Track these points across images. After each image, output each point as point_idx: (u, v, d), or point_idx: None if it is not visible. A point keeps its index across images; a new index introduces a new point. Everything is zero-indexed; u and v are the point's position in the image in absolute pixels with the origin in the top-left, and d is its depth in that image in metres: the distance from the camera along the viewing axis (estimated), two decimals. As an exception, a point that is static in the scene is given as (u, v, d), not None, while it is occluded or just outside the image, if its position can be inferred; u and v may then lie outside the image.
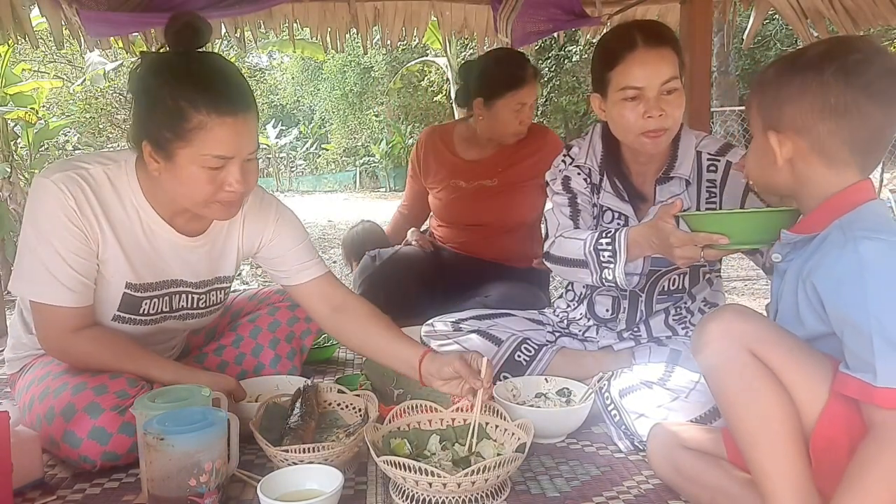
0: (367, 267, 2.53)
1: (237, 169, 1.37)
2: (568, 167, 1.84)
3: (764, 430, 0.99)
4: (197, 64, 1.35)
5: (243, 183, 1.38)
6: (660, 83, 1.56)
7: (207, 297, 1.66)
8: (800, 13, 2.92)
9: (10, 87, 6.53)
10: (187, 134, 1.31)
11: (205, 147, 1.32)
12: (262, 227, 1.65)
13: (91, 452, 1.36)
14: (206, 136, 1.31)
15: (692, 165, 1.71)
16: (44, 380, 1.46)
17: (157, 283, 1.55)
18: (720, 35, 8.34)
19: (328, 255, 7.36)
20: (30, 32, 2.46)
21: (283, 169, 27.80)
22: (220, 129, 1.32)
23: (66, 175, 1.41)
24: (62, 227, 1.39)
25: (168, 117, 1.31)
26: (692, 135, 1.75)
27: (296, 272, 1.65)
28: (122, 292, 1.51)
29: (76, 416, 1.36)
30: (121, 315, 1.53)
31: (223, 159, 1.35)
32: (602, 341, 1.86)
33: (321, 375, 2.12)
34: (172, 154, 1.34)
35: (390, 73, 19.36)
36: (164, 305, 1.58)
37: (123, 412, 1.37)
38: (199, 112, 1.30)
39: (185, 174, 1.35)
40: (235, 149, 1.35)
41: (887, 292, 0.92)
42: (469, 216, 2.58)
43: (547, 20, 2.82)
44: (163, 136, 1.33)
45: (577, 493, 1.32)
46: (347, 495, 1.32)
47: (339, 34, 3.16)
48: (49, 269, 1.40)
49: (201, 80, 1.32)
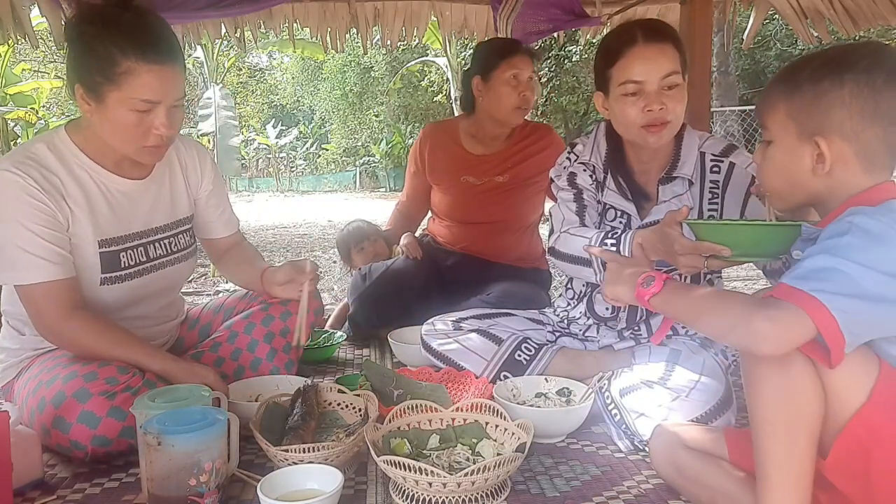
0: (357, 286, 2.49)
1: (164, 113, 1.48)
2: (573, 164, 1.85)
3: (787, 423, 0.98)
4: (129, 15, 1.46)
5: (169, 127, 1.50)
6: (659, 77, 1.58)
7: (176, 239, 1.76)
8: (800, 13, 2.92)
9: (10, 87, 6.54)
10: (117, 78, 1.42)
11: (133, 91, 1.43)
12: (202, 169, 1.82)
13: (81, 437, 1.37)
14: (134, 80, 1.43)
15: (695, 166, 1.71)
16: (38, 375, 1.49)
17: (127, 236, 1.63)
18: (720, 35, 8.33)
19: (328, 255, 7.37)
20: (30, 32, 2.45)
21: (283, 169, 27.81)
22: (148, 75, 1.43)
23: (16, 160, 1.48)
24: (28, 205, 1.45)
25: (99, 62, 1.42)
26: (695, 135, 1.75)
27: (223, 224, 1.89)
28: (97, 252, 1.57)
29: (65, 402, 1.39)
30: (106, 276, 1.58)
31: (150, 103, 1.46)
32: (602, 340, 1.86)
33: (321, 375, 2.12)
34: (103, 97, 1.44)
35: (390, 73, 19.36)
36: (140, 255, 1.66)
37: (113, 397, 1.40)
38: (127, 58, 1.41)
39: (115, 116, 1.46)
40: (162, 94, 1.46)
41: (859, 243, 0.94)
42: (478, 213, 2.54)
43: (547, 20, 2.82)
44: (94, 80, 1.44)
45: (577, 493, 1.33)
46: (347, 495, 1.32)
47: (339, 34, 3.16)
48: (26, 250, 1.45)
49: (131, 30, 1.44)
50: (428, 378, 1.83)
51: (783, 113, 1.10)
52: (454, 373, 1.86)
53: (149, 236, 1.68)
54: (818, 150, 1.05)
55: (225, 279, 5.73)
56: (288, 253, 7.91)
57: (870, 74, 1.02)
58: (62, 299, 1.49)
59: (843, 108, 1.03)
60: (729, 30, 3.29)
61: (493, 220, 2.52)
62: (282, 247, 8.59)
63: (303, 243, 8.85)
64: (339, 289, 5.01)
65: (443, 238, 2.65)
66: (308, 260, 1.74)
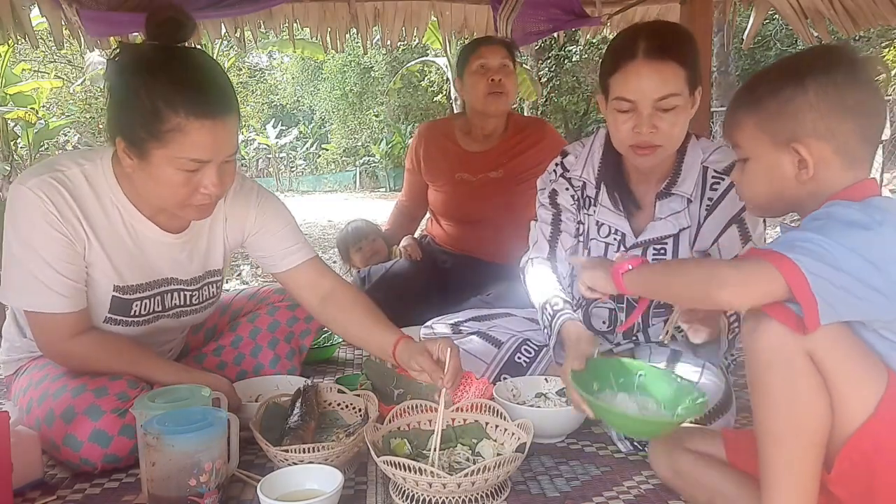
0: None
1: (214, 172, 1.33)
2: (558, 178, 1.79)
3: (793, 434, 0.97)
4: (177, 61, 1.29)
5: (219, 186, 1.35)
6: (654, 99, 1.46)
7: (200, 293, 1.63)
8: (800, 13, 2.92)
9: (10, 87, 6.55)
10: (163, 135, 1.26)
11: (181, 150, 1.27)
12: (245, 215, 1.61)
13: (92, 455, 1.35)
14: (182, 139, 1.26)
15: (696, 182, 1.63)
16: (42, 382, 1.46)
17: (146, 284, 1.52)
18: (720, 35, 8.33)
19: (328, 255, 7.36)
20: (30, 32, 2.46)
21: (283, 169, 27.79)
22: (198, 132, 1.27)
23: (41, 180, 1.36)
24: (45, 234, 1.35)
25: (143, 116, 1.26)
26: (699, 148, 1.65)
27: (281, 257, 1.62)
28: (110, 295, 1.48)
29: (76, 418, 1.35)
30: (112, 317, 1.50)
31: (199, 163, 1.30)
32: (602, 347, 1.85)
33: (321, 375, 2.12)
34: (147, 153, 1.29)
35: (390, 73, 19.36)
36: (155, 305, 1.55)
37: (124, 414, 1.36)
38: (176, 114, 1.25)
39: (160, 174, 1.31)
40: (212, 153, 1.31)
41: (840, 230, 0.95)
42: (474, 210, 2.54)
43: (547, 20, 2.82)
44: (137, 135, 1.28)
45: (577, 493, 1.32)
46: (347, 495, 1.32)
47: (339, 34, 3.16)
48: (38, 278, 1.37)
49: (180, 80, 1.27)
50: (428, 378, 1.83)
51: (752, 127, 1.10)
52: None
53: (170, 286, 1.56)
54: (798, 157, 1.06)
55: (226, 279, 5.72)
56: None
57: (829, 73, 1.03)
58: (69, 330, 1.42)
59: (812, 111, 1.04)
60: (729, 30, 3.29)
61: (488, 216, 2.52)
62: (282, 247, 8.58)
63: (303, 243, 8.83)
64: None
65: (441, 239, 2.65)
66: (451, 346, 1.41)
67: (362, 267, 2.72)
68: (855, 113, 1.04)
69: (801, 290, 0.91)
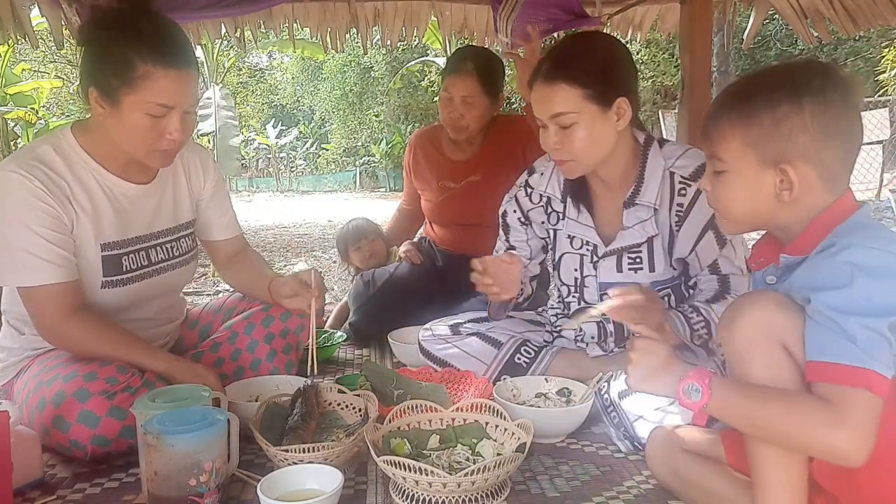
0: (360, 294, 2.51)
1: (177, 119, 1.48)
2: (513, 198, 1.86)
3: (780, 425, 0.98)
4: (146, 20, 1.47)
5: (182, 132, 1.50)
6: (547, 117, 1.54)
7: (178, 244, 1.76)
8: (800, 13, 2.92)
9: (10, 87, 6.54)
10: (134, 81, 1.42)
11: (149, 95, 1.43)
12: (202, 173, 1.81)
13: (80, 437, 1.37)
14: (150, 84, 1.43)
15: (660, 190, 1.61)
16: (38, 375, 1.49)
17: (129, 240, 1.63)
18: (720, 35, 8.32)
19: (328, 255, 7.36)
20: (30, 32, 2.45)
21: (283, 169, 27.79)
22: (164, 79, 1.44)
23: (22, 162, 1.47)
24: (34, 208, 1.45)
25: (116, 65, 1.42)
26: (661, 156, 1.63)
27: (220, 228, 1.86)
28: (100, 255, 1.57)
29: (65, 401, 1.39)
30: (108, 280, 1.58)
31: (165, 108, 1.46)
32: (593, 353, 1.85)
33: (321, 375, 2.11)
34: (118, 100, 1.44)
35: (390, 73, 19.35)
36: (142, 259, 1.66)
37: (112, 397, 1.40)
38: (145, 62, 1.42)
39: (129, 120, 1.46)
40: (177, 99, 1.47)
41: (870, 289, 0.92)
42: (459, 215, 2.58)
43: (547, 20, 2.81)
44: (110, 83, 1.44)
45: (577, 493, 1.33)
46: (347, 495, 1.32)
47: (339, 34, 3.15)
48: (30, 252, 1.45)
49: (150, 34, 1.44)
50: (428, 378, 1.83)
51: (739, 142, 1.05)
52: (454, 373, 1.86)
53: (151, 240, 1.68)
54: (782, 177, 1.03)
55: (225, 279, 5.72)
56: (288, 253, 7.90)
57: (825, 94, 1.00)
58: (64, 302, 1.49)
59: (806, 132, 1.00)
60: (729, 30, 3.29)
61: (473, 220, 2.54)
62: (282, 247, 8.59)
63: (303, 243, 8.85)
64: (340, 289, 5.01)
65: (437, 240, 2.69)
66: (313, 270, 1.73)
67: (360, 266, 2.73)
68: (842, 138, 1.02)
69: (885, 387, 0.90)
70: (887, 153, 9.48)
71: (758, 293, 1.07)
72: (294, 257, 7.48)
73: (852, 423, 0.89)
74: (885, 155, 9.35)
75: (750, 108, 1.04)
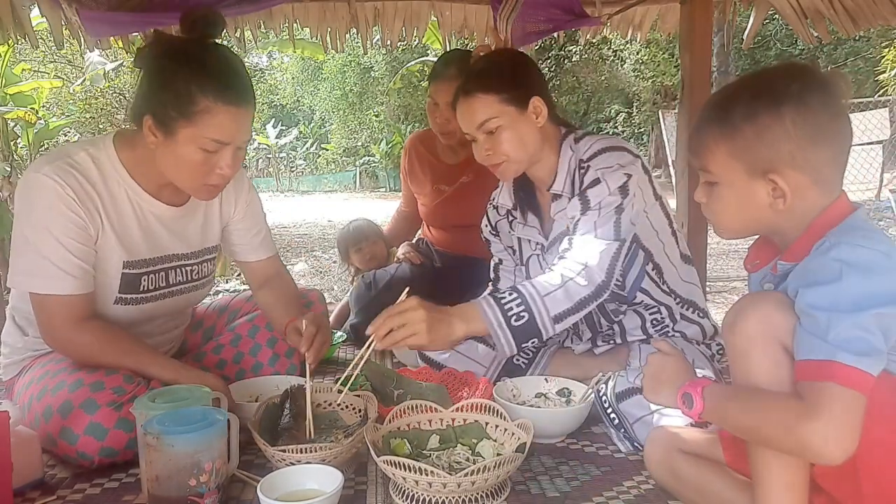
0: (362, 295, 2.51)
1: (230, 155, 1.47)
2: (485, 214, 1.97)
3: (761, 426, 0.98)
4: (210, 54, 1.45)
5: (232, 168, 1.49)
6: (474, 128, 1.63)
7: (199, 268, 1.73)
8: (800, 13, 2.91)
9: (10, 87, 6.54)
10: (193, 115, 1.40)
11: (207, 130, 1.42)
12: (236, 199, 1.78)
13: (88, 448, 1.36)
14: (209, 120, 1.41)
15: (566, 178, 1.68)
16: (42, 379, 1.47)
17: (152, 259, 1.61)
18: (720, 35, 8.34)
19: (328, 255, 7.36)
20: (30, 32, 2.45)
21: (283, 169, 27.79)
22: (224, 116, 1.42)
23: (56, 166, 1.45)
24: (61, 216, 1.43)
25: (177, 97, 1.40)
26: (570, 144, 1.69)
27: (252, 248, 1.81)
28: (120, 272, 1.55)
29: (73, 412, 1.37)
30: (122, 297, 1.57)
31: (220, 144, 1.44)
32: (578, 347, 1.87)
33: (321, 375, 2.12)
34: (174, 131, 1.42)
35: (390, 73, 19.35)
36: (161, 280, 1.64)
37: (120, 408, 1.38)
38: (206, 97, 1.40)
39: (182, 152, 1.44)
40: (233, 136, 1.45)
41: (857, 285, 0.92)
42: (455, 217, 2.60)
43: (547, 20, 2.81)
44: (168, 114, 1.41)
45: (577, 493, 1.33)
46: (347, 495, 1.32)
47: (339, 34, 3.15)
48: (50, 260, 1.43)
49: (212, 69, 1.42)
50: (428, 378, 1.83)
51: (725, 154, 1.05)
52: (454, 373, 1.86)
53: (173, 261, 1.66)
54: (773, 186, 1.03)
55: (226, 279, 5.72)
56: (288, 253, 7.90)
57: (804, 99, 0.99)
58: (74, 312, 1.46)
59: (789, 141, 1.00)
60: (729, 30, 3.29)
61: (468, 221, 2.52)
62: (282, 247, 8.59)
63: (303, 243, 8.85)
64: (340, 289, 5.01)
65: (434, 241, 2.71)
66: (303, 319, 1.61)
67: (361, 268, 2.73)
68: (829, 140, 1.02)
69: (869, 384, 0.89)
70: (887, 153, 9.48)
71: (759, 294, 1.07)
72: (294, 257, 7.48)
73: (820, 416, 0.88)
74: (885, 155, 9.35)
75: (731, 119, 1.04)
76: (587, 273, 1.51)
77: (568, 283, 1.50)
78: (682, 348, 1.69)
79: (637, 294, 1.73)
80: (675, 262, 1.75)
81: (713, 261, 5.67)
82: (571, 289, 1.49)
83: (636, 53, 16.11)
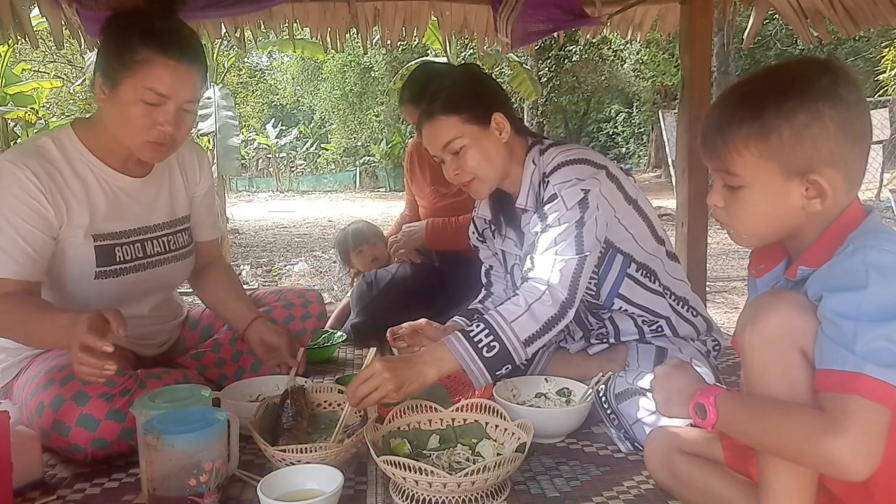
0: (364, 295, 2.51)
1: (172, 111, 1.49)
2: (472, 222, 1.98)
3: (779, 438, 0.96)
4: (158, 16, 1.50)
5: (174, 126, 1.50)
6: (440, 150, 1.65)
7: (175, 238, 1.75)
8: (800, 13, 2.91)
9: (10, 87, 6.54)
10: (133, 65, 1.44)
11: (146, 80, 1.44)
12: (201, 172, 1.83)
13: (80, 440, 1.37)
14: (149, 69, 1.44)
15: (529, 192, 1.69)
16: (36, 377, 1.48)
17: (124, 232, 1.64)
18: (720, 35, 8.34)
19: (328, 255, 7.36)
20: (30, 32, 2.45)
21: (283, 169, 27.81)
22: (163, 68, 1.45)
23: (20, 152, 1.51)
24: (17, 199, 1.45)
25: (119, 49, 1.45)
26: (533, 158, 1.69)
27: (202, 227, 1.85)
28: (92, 246, 1.57)
29: (64, 405, 1.38)
30: (101, 270, 1.58)
31: (160, 97, 1.46)
32: (572, 347, 1.87)
33: (321, 375, 2.12)
34: (117, 83, 1.46)
35: (390, 73, 19.35)
36: (137, 251, 1.66)
37: (111, 399, 1.40)
38: (147, 48, 1.44)
39: (125, 103, 1.47)
40: (173, 90, 1.47)
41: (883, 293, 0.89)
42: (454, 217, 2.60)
43: (547, 20, 2.81)
44: (111, 66, 1.46)
45: (578, 493, 1.32)
46: (347, 495, 1.32)
47: (339, 34, 3.15)
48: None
49: (158, 26, 1.47)
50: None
51: (758, 156, 0.99)
52: (454, 373, 1.85)
53: (146, 233, 1.68)
54: (808, 186, 0.99)
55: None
56: (288, 253, 7.91)
57: (838, 94, 0.96)
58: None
59: (829, 138, 0.96)
60: (729, 30, 3.27)
61: (466, 222, 2.54)
62: (282, 247, 8.59)
63: (303, 243, 8.85)
64: (339, 289, 5.01)
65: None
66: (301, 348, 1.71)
67: (363, 270, 2.73)
68: (861, 137, 0.99)
69: None
70: (887, 153, 9.49)
71: (779, 293, 1.02)
72: (294, 257, 7.48)
73: (846, 430, 0.86)
74: (885, 155, 9.36)
75: (762, 119, 0.98)
76: (550, 293, 1.49)
77: (533, 306, 1.48)
78: (679, 347, 1.71)
79: (615, 300, 1.72)
80: (664, 259, 1.76)
81: (713, 261, 5.68)
82: (536, 310, 1.48)
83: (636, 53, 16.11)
